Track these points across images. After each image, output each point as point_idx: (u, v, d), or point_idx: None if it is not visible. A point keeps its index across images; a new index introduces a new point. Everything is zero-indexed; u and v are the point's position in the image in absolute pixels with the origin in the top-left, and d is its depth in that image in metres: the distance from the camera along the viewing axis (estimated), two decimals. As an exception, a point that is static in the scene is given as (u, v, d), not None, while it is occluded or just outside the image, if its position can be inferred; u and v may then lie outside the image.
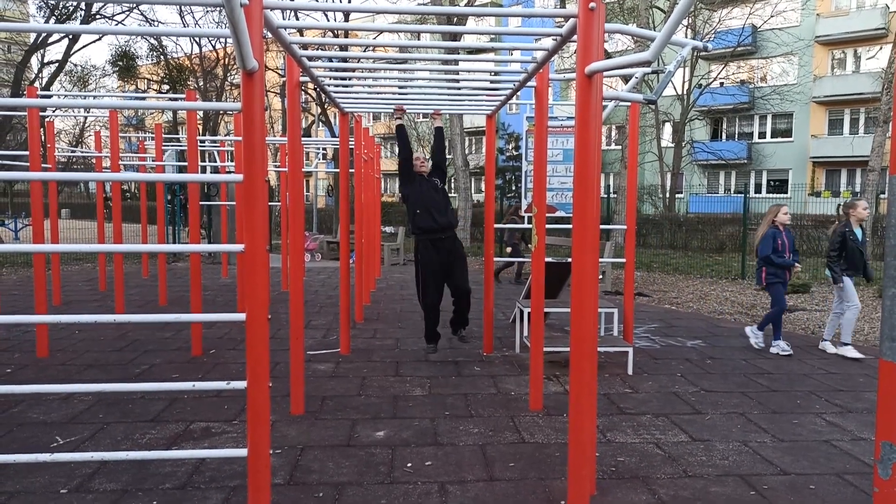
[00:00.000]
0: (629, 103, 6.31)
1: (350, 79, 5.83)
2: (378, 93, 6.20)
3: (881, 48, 28.65)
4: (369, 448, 3.98)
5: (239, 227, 2.79)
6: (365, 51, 21.44)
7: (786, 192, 30.54)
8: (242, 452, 2.81)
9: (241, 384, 2.78)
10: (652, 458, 3.88)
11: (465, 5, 21.26)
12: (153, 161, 11.16)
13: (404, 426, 4.38)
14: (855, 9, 29.87)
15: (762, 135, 33.03)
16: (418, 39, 21.66)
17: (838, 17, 30.06)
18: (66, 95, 20.46)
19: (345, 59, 8.15)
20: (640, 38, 4.12)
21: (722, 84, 31.70)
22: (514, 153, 32.86)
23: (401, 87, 6.12)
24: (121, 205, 7.97)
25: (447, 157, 6.28)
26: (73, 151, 23.45)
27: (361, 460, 3.79)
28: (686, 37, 26.38)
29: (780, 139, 32.30)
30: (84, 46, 29.05)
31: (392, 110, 6.06)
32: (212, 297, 9.80)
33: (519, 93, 5.35)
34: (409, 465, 3.73)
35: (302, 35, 4.96)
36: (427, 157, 6.31)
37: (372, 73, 5.34)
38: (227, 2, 2.36)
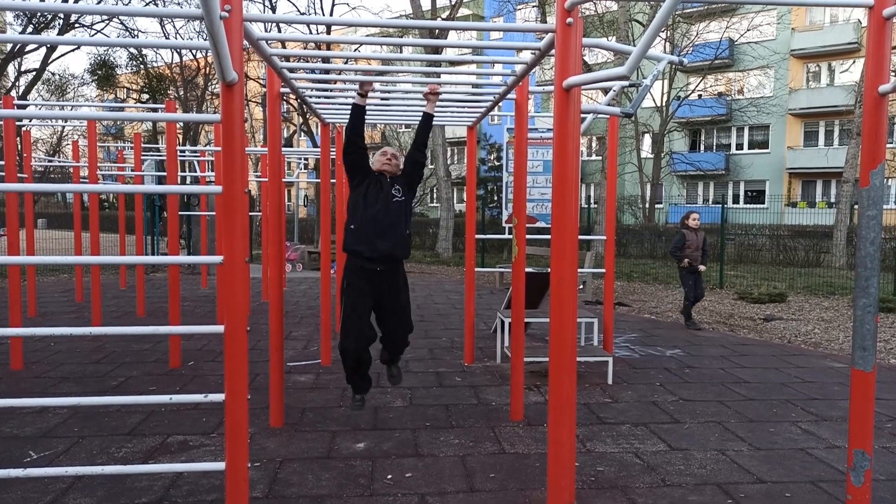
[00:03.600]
0: (608, 116, 6.38)
1: (331, 90, 5.84)
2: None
3: (854, 62, 29.30)
4: (349, 460, 3.97)
5: (219, 238, 2.78)
6: (347, 62, 21.48)
7: (763, 203, 30.99)
8: (220, 466, 2.79)
9: (219, 397, 2.77)
10: (631, 467, 3.91)
11: (446, 19, 21.42)
12: (132, 171, 11.06)
13: (385, 438, 4.37)
14: (829, 23, 30.52)
15: (739, 146, 33.53)
16: (400, 52, 21.75)
17: (813, 32, 30.69)
18: (43, 105, 20.21)
19: (327, 71, 8.17)
20: (617, 52, 4.18)
21: (700, 96, 32.18)
22: (496, 163, 33.04)
23: (382, 98, 6.12)
24: (98, 215, 7.88)
25: (425, 160, 4.48)
26: (50, 161, 23.13)
27: (341, 472, 3.77)
28: (665, 50, 26.80)
29: (757, 151, 32.81)
30: (63, 55, 28.78)
31: (357, 92, 4.33)
32: (191, 308, 9.71)
33: (500, 104, 5.39)
34: (390, 476, 3.72)
35: (284, 47, 4.94)
36: (398, 154, 4.52)
37: (354, 85, 5.32)
38: (206, 14, 2.37)
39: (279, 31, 21.50)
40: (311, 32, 21.80)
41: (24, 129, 10.76)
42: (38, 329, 2.74)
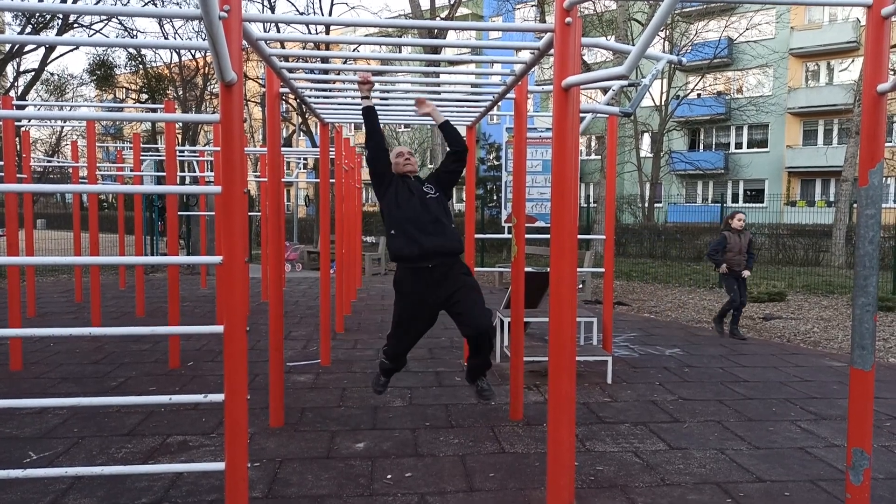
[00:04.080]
0: (607, 115, 6.39)
1: (330, 90, 5.83)
2: (359, 103, 6.19)
3: (853, 60, 29.30)
4: (349, 460, 3.97)
5: (218, 238, 2.78)
6: (345, 62, 21.47)
7: (762, 202, 31.01)
8: (220, 466, 2.79)
9: (218, 397, 2.77)
10: (630, 466, 3.91)
11: (445, 18, 21.42)
12: (131, 171, 11.06)
13: (384, 437, 4.37)
14: (827, 22, 30.54)
15: (738, 145, 33.55)
16: (399, 52, 21.75)
17: (811, 31, 30.71)
18: (42, 105, 20.19)
19: (325, 71, 8.16)
20: (616, 51, 4.19)
21: (699, 95, 32.17)
22: (496, 163, 33.02)
23: (382, 98, 6.12)
24: (97, 215, 7.88)
25: (460, 168, 4.37)
26: (49, 162, 23.12)
27: (341, 472, 3.77)
28: (664, 49, 26.80)
29: (756, 150, 32.83)
30: (61, 55, 28.74)
31: (359, 90, 4.37)
32: (190, 309, 9.71)
33: (499, 104, 5.39)
34: (389, 476, 3.72)
35: (283, 47, 4.91)
36: (413, 152, 4.53)
37: (353, 84, 5.31)
38: (205, 15, 2.37)
39: (278, 30, 21.50)
40: (310, 32, 21.78)
41: (23, 129, 10.76)
42: (37, 330, 2.74)
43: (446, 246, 4.04)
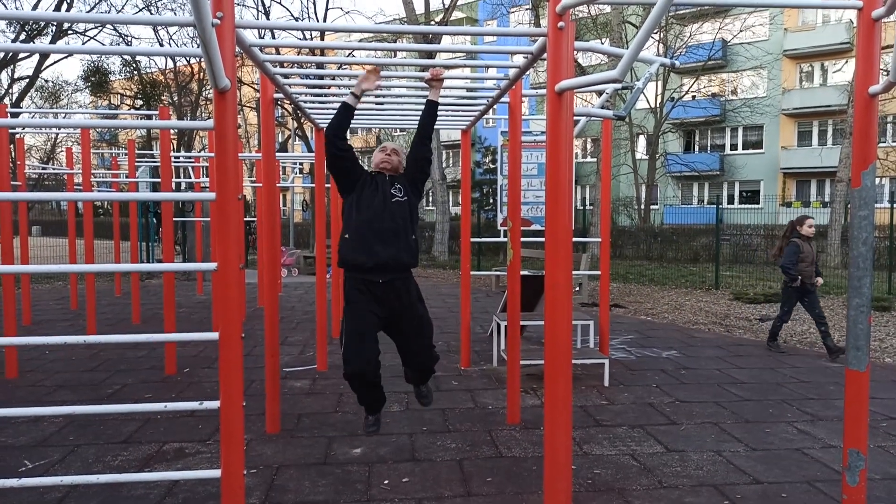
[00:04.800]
0: (601, 118, 6.40)
1: (325, 94, 5.84)
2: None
3: (846, 62, 29.44)
4: (346, 466, 3.96)
5: (214, 243, 2.78)
6: (340, 67, 21.49)
7: (758, 203, 31.09)
8: (216, 473, 2.79)
9: (214, 404, 2.76)
10: (628, 469, 3.91)
11: (440, 22, 21.44)
12: (126, 178, 11.04)
13: (381, 443, 4.36)
14: (821, 24, 30.67)
15: (734, 147, 33.64)
16: (394, 56, 21.76)
17: (805, 32, 30.84)
18: (36, 113, 20.15)
19: (320, 76, 8.18)
20: (609, 55, 4.20)
21: (694, 97, 32.28)
22: (491, 166, 33.07)
23: (377, 102, 6.12)
24: (92, 222, 7.86)
25: (430, 154, 3.97)
26: (44, 169, 23.08)
27: (338, 478, 3.76)
28: (658, 51, 26.84)
29: (751, 151, 32.93)
30: (56, 62, 28.70)
31: (358, 83, 3.77)
32: (186, 315, 9.69)
33: (494, 107, 5.40)
34: (386, 482, 3.72)
35: (278, 52, 4.89)
36: (399, 150, 3.98)
37: (347, 90, 5.31)
38: (198, 22, 2.37)
39: (273, 36, 21.48)
40: (304, 38, 21.79)
41: (17, 136, 10.73)
42: (32, 338, 2.73)
43: (401, 259, 3.67)
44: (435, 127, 4.09)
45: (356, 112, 3.75)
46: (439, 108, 3.97)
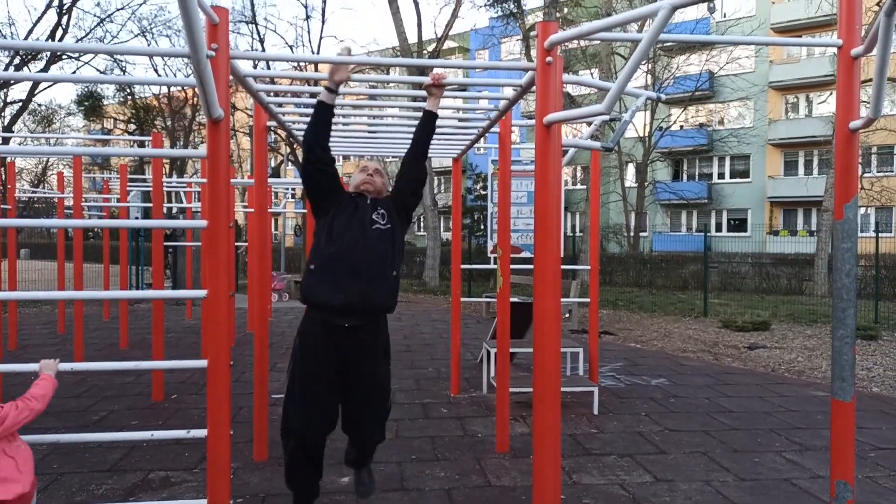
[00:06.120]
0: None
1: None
2: (346, 135, 6.26)
3: (831, 93, 29.99)
4: (334, 495, 3.92)
5: (204, 269, 2.78)
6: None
7: (745, 231, 31.39)
8: (202, 503, 2.76)
9: (201, 433, 2.75)
10: (617, 499, 3.90)
11: (433, 51, 21.76)
12: (117, 202, 11.03)
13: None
14: (805, 57, 31.32)
15: (721, 175, 34.06)
16: (386, 86, 22.00)
17: (790, 64, 31.47)
18: (28, 137, 20.16)
19: (314, 105, 8.24)
20: (596, 88, 4.28)
21: (681, 127, 32.76)
22: (482, 192, 33.25)
23: (370, 130, 6.17)
24: (82, 246, 7.84)
25: (425, 176, 3.40)
26: (34, 192, 23.02)
27: (325, 508, 3.73)
28: (646, 81, 27.25)
29: (738, 180, 33.34)
30: (49, 86, 28.80)
31: (325, 86, 3.16)
32: (175, 340, 9.62)
33: (485, 135, 5.48)
34: (374, 511, 3.68)
35: (273, 82, 4.90)
36: (381, 169, 3.38)
37: (342, 118, 5.37)
38: (193, 53, 2.42)
39: (268, 67, 21.70)
40: (298, 67, 22.02)
41: (7, 160, 10.73)
42: (17, 366, 2.72)
43: (374, 300, 3.05)
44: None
45: (351, 140, 3.54)
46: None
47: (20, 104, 24.97)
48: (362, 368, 3.10)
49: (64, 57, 21.89)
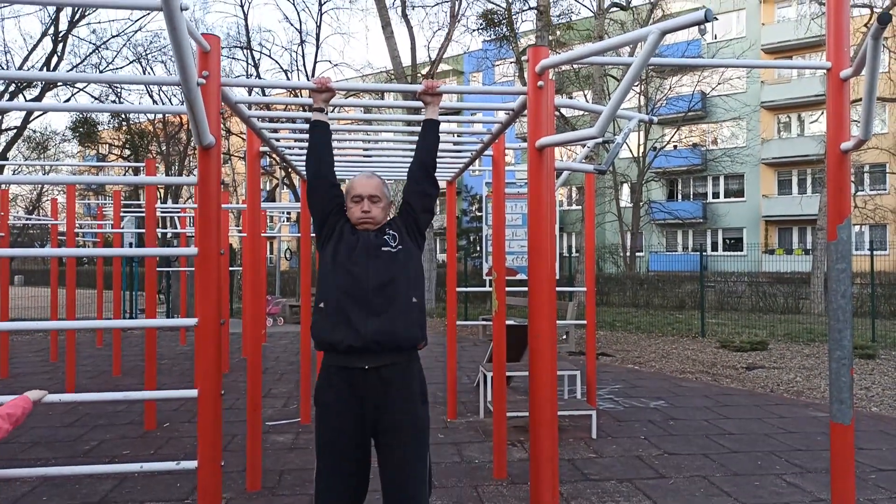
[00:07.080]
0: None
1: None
2: (341, 159, 6.26)
3: (822, 113, 30.26)
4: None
5: (198, 295, 2.75)
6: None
7: (741, 250, 31.46)
8: (192, 537, 2.70)
9: (191, 464, 2.70)
10: (616, 526, 3.83)
11: (427, 74, 21.91)
12: (111, 228, 11.00)
13: (366, 500, 4.25)
14: (796, 77, 31.68)
15: (716, 195, 34.24)
16: (380, 111, 22.12)
17: (782, 84, 31.82)
18: (22, 164, 20.15)
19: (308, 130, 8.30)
20: (588, 111, 4.30)
21: (675, 147, 32.98)
22: (478, 214, 33.34)
23: (365, 153, 6.17)
24: (75, 273, 7.79)
25: (436, 191, 2.90)
26: (28, 218, 22.96)
27: (320, 539, 3.65)
28: (639, 102, 27.47)
29: (733, 199, 33.51)
30: (44, 113, 28.86)
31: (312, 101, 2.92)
32: (168, 367, 9.53)
33: (479, 158, 5.49)
34: (370, 542, 3.61)
35: (269, 108, 4.92)
36: (375, 196, 2.74)
37: (336, 143, 5.38)
38: (183, 81, 2.41)
39: (263, 93, 21.81)
40: (293, 93, 22.16)
41: (1, 187, 10.72)
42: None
43: (396, 332, 2.56)
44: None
45: (345, 163, 3.31)
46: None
47: (14, 131, 25.00)
48: (395, 415, 2.58)
49: (59, 84, 21.99)
